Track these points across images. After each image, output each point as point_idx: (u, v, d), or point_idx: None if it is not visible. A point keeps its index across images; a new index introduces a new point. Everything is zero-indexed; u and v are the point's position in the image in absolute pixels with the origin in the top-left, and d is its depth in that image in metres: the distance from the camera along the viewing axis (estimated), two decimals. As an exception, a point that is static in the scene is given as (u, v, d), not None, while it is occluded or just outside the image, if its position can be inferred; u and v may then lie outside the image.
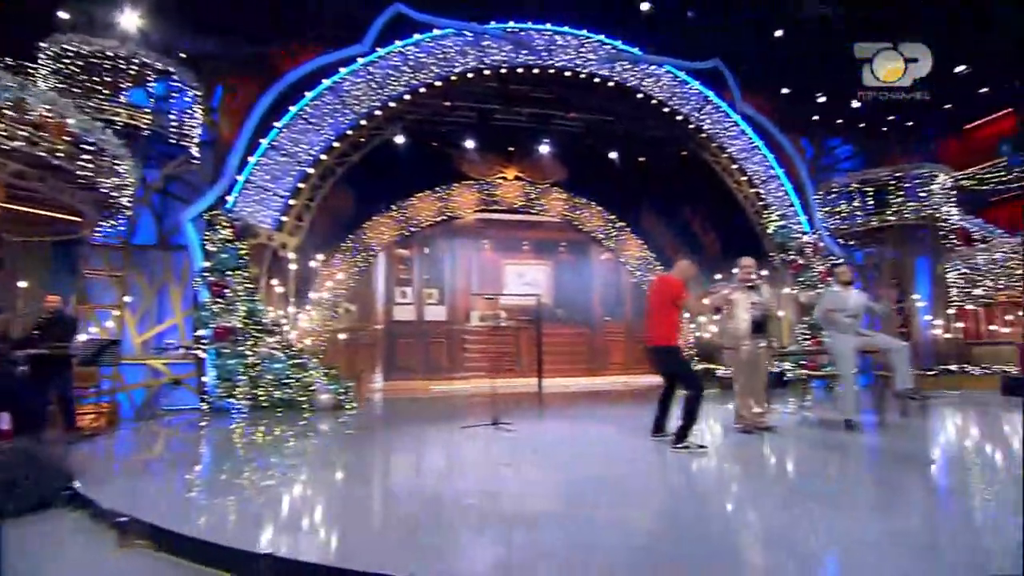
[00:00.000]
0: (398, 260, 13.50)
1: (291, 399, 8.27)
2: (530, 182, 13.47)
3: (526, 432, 5.94)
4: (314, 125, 9.01)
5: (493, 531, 2.77)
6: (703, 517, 3.03)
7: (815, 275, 10.37)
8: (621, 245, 14.00)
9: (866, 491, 3.56)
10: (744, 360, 5.59)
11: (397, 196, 12.63)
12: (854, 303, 5.75)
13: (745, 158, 11.08)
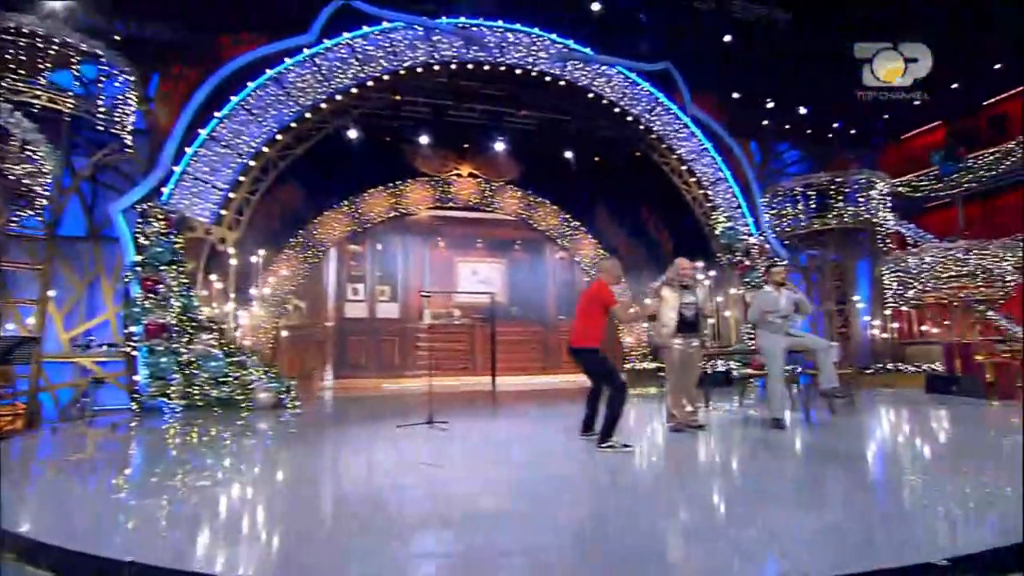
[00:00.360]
0: (350, 256, 13.27)
1: (229, 398, 8.01)
2: (485, 179, 13.39)
3: (459, 431, 5.88)
4: (256, 116, 8.73)
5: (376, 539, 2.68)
6: (614, 516, 3.02)
7: (760, 276, 10.56)
8: (575, 244, 14.04)
9: (779, 486, 3.61)
10: (676, 359, 5.62)
11: (349, 191, 12.39)
12: (786, 303, 5.86)
13: (694, 160, 11.24)
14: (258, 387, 8.19)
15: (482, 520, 2.97)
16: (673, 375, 5.68)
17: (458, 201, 13.28)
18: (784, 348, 5.74)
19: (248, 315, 9.58)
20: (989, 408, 7.30)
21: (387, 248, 13.49)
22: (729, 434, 5.55)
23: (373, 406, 8.93)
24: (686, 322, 5.63)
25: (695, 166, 11.23)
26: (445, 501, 3.35)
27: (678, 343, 5.61)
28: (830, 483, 3.78)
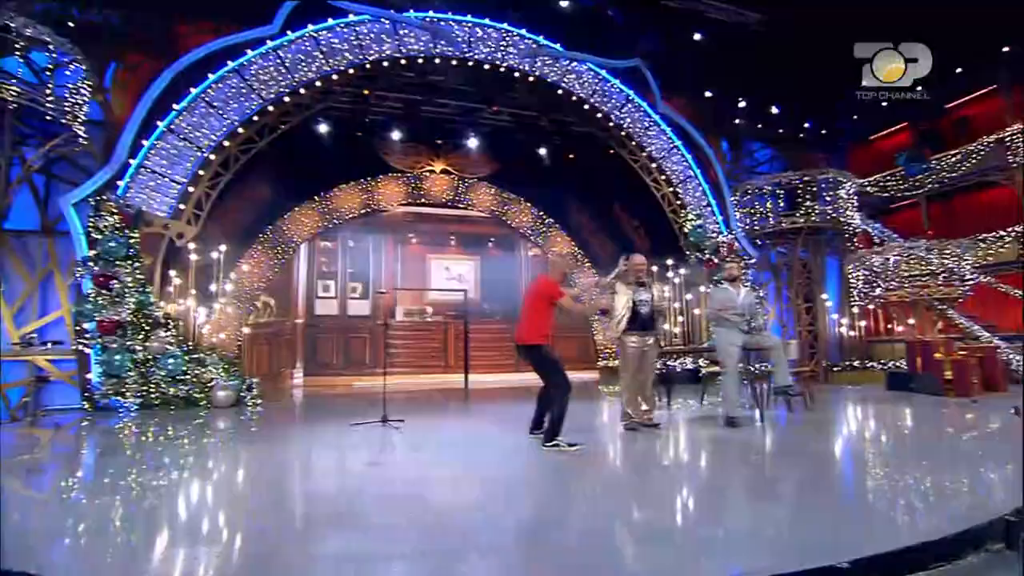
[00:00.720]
0: (321, 253, 13.11)
1: (187, 396, 7.84)
2: (458, 176, 13.19)
3: (413, 430, 5.83)
4: (217, 109, 8.52)
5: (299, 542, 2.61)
6: (555, 516, 2.97)
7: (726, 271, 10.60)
8: (549, 241, 13.87)
9: (719, 484, 3.60)
10: (630, 357, 5.59)
11: (320, 187, 12.15)
12: (743, 301, 5.87)
13: (664, 157, 11.22)
14: (217, 385, 8.03)
15: (392, 522, 2.90)
16: (628, 373, 5.65)
17: (431, 197, 13.08)
18: (740, 346, 5.75)
19: (212, 312, 9.35)
20: (943, 404, 7.42)
21: (359, 245, 13.36)
22: (682, 433, 5.55)
23: (337, 404, 8.83)
24: (640, 319, 5.60)
25: (664, 164, 11.21)
26: (363, 502, 3.28)
27: (632, 341, 5.57)
28: (771, 481, 3.78)
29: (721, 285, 6.14)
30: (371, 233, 13.41)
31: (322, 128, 11.23)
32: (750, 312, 5.85)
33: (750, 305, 5.86)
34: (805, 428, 5.73)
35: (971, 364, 9.27)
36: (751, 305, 5.86)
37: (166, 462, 4.53)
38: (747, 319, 5.83)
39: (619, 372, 5.76)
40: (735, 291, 5.90)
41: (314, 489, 3.69)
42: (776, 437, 5.22)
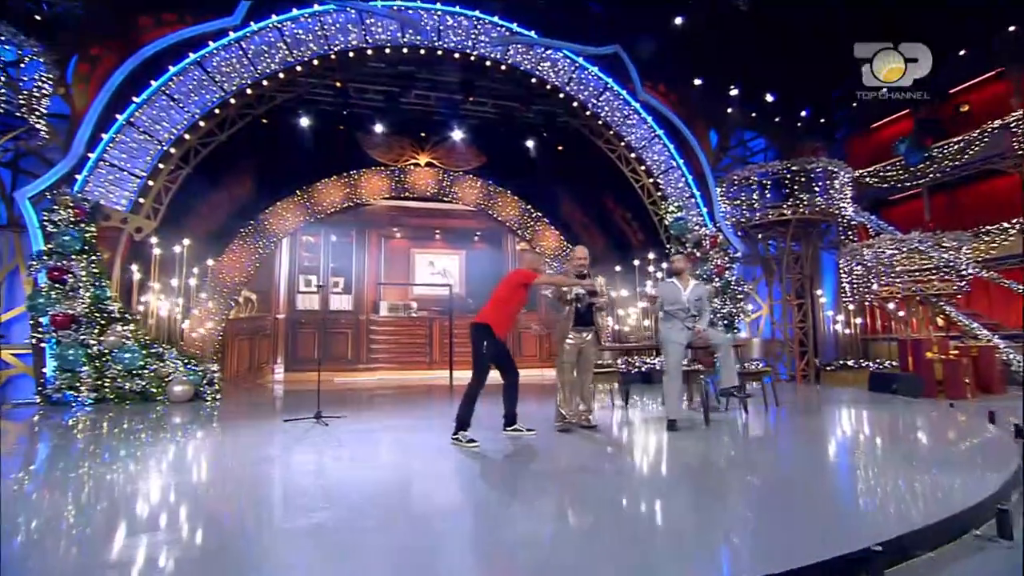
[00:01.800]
0: (303, 247, 13.05)
1: (143, 391, 7.81)
2: (443, 169, 13.03)
3: (347, 426, 5.68)
4: (177, 102, 8.45)
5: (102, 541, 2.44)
6: (441, 525, 2.76)
7: (711, 269, 10.25)
8: (537, 235, 13.61)
9: (623, 494, 3.33)
10: (567, 354, 5.40)
11: (302, 181, 12.08)
12: (689, 296, 5.57)
13: (644, 147, 10.86)
14: (175, 379, 7.98)
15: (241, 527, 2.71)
16: (564, 371, 5.44)
17: (415, 191, 12.90)
18: (684, 344, 5.46)
19: (180, 307, 9.31)
20: (915, 408, 6.97)
21: (341, 239, 13.26)
22: (615, 435, 5.28)
23: (304, 399, 8.71)
24: (579, 314, 5.40)
25: (645, 154, 10.85)
26: (229, 503, 3.12)
27: (569, 337, 5.38)
28: (683, 489, 3.49)
29: (667, 279, 5.83)
30: (354, 227, 13.33)
31: (303, 121, 11.17)
32: (696, 308, 5.55)
33: (697, 300, 5.55)
34: (748, 434, 5.39)
35: (963, 364, 8.77)
36: (698, 301, 5.56)
37: (111, 455, 4.43)
38: (693, 315, 5.54)
39: (556, 370, 5.53)
40: (681, 285, 5.59)
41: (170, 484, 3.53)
42: (709, 443, 4.92)
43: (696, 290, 5.60)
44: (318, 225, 12.76)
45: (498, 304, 4.96)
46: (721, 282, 10.10)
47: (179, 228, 9.62)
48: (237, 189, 11.39)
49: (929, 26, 9.90)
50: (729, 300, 10.12)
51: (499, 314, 4.91)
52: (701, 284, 5.70)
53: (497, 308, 4.94)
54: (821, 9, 10.16)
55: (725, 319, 9.96)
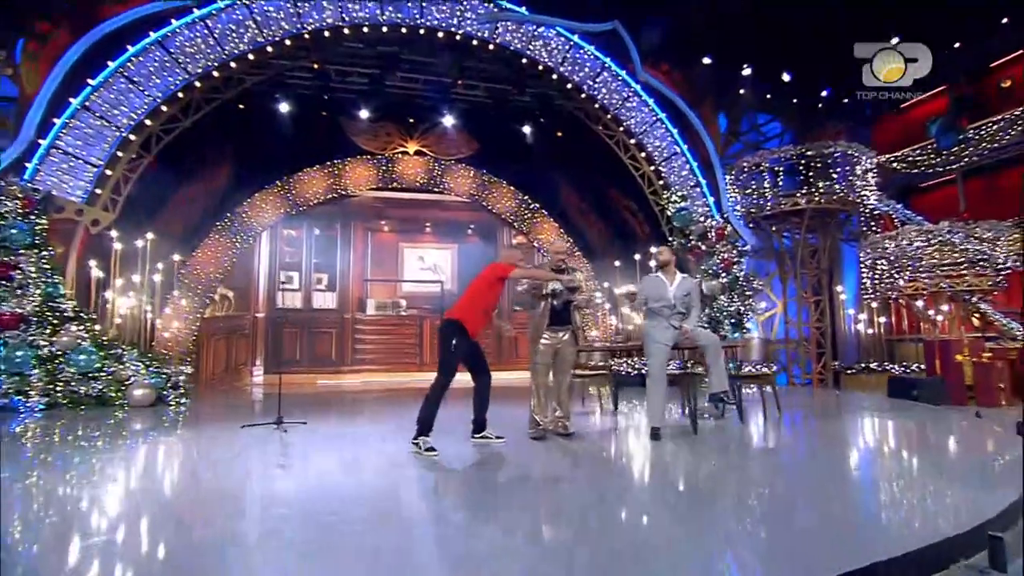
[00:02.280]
0: (284, 242, 12.95)
1: (100, 395, 7.73)
2: (433, 157, 12.92)
3: (308, 433, 5.59)
4: (137, 84, 8.36)
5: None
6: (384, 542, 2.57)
7: (718, 263, 9.96)
8: (535, 228, 13.47)
9: (574, 511, 3.10)
10: (541, 355, 5.24)
11: (282, 171, 12.02)
12: (676, 291, 5.32)
13: (644, 132, 10.63)
14: (135, 383, 7.89)
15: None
16: (538, 373, 5.27)
17: (404, 181, 12.83)
18: (668, 344, 5.22)
19: (137, 303, 9.24)
20: (935, 416, 6.63)
21: (325, 232, 13.16)
22: (593, 444, 5.06)
23: (276, 404, 8.63)
24: (555, 312, 5.24)
25: (645, 139, 10.61)
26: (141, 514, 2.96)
27: (544, 337, 5.24)
28: (654, 505, 3.25)
29: (652, 273, 5.59)
30: (339, 220, 13.20)
31: (282, 107, 11.10)
32: (684, 305, 5.31)
33: (684, 296, 5.31)
34: (737, 445, 5.12)
35: (997, 368, 8.39)
36: (686, 296, 5.31)
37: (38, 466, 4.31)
38: (680, 312, 5.29)
39: (530, 373, 5.36)
40: (667, 279, 5.35)
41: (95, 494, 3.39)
42: (694, 454, 4.67)
43: (683, 284, 5.36)
44: (300, 218, 12.70)
45: (472, 300, 4.88)
46: (728, 277, 9.82)
47: (148, 221, 9.56)
48: (213, 179, 11.32)
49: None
50: (737, 297, 9.80)
51: (472, 311, 4.84)
52: (689, 278, 5.46)
53: (470, 304, 4.87)
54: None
55: (732, 317, 9.66)
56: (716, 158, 10.78)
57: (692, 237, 10.13)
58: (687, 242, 10.18)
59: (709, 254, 10.05)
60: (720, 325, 9.53)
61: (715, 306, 9.77)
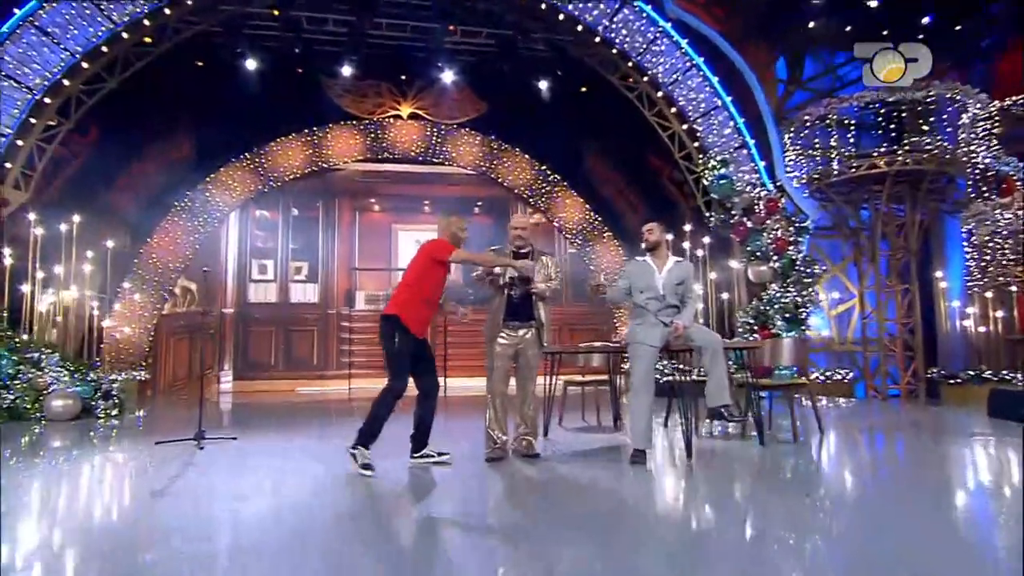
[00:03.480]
0: (256, 225, 12.97)
1: (11, 407, 7.75)
2: (432, 122, 12.68)
3: (230, 451, 5.49)
4: (52, 37, 8.33)
5: None
6: None
7: (768, 243, 9.39)
8: (555, 204, 13.19)
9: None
10: (498, 358, 4.97)
11: (252, 140, 11.98)
12: (666, 279, 4.87)
13: (675, 83, 10.07)
14: (56, 392, 7.90)
15: None
16: (494, 381, 5.03)
17: (397, 151, 12.65)
18: (657, 345, 4.77)
19: (70, 299, 9.30)
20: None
21: (305, 213, 13.12)
22: (562, 470, 4.68)
23: (238, 416, 8.88)
24: (512, 305, 4.97)
25: (676, 91, 10.06)
26: None
27: (502, 336, 4.97)
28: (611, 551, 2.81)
29: (637, 257, 5.18)
30: (320, 198, 13.20)
31: (249, 64, 11.00)
32: (676, 296, 4.86)
33: (678, 285, 4.87)
34: (743, 478, 4.57)
35: None
36: (679, 285, 4.87)
37: None
38: (672, 306, 4.85)
39: (486, 380, 5.10)
40: (655, 265, 4.92)
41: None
42: (680, 488, 4.18)
43: (676, 271, 4.93)
44: (274, 196, 12.72)
45: (408, 290, 4.63)
46: (782, 261, 9.27)
47: (90, 202, 9.63)
48: (168, 152, 11.37)
49: None
50: (793, 285, 9.23)
51: (411, 304, 4.58)
52: (684, 263, 5.07)
53: (407, 296, 4.61)
54: None
55: (786, 312, 9.04)
56: (769, 111, 10.11)
57: (735, 211, 9.69)
58: (729, 218, 9.76)
59: (757, 232, 9.57)
60: (769, 321, 8.94)
61: (764, 296, 9.28)
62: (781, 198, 9.76)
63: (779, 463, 4.90)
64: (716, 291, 10.22)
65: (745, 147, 10.15)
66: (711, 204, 10.16)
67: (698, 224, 10.47)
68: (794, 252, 9.48)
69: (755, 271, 9.39)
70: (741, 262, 9.90)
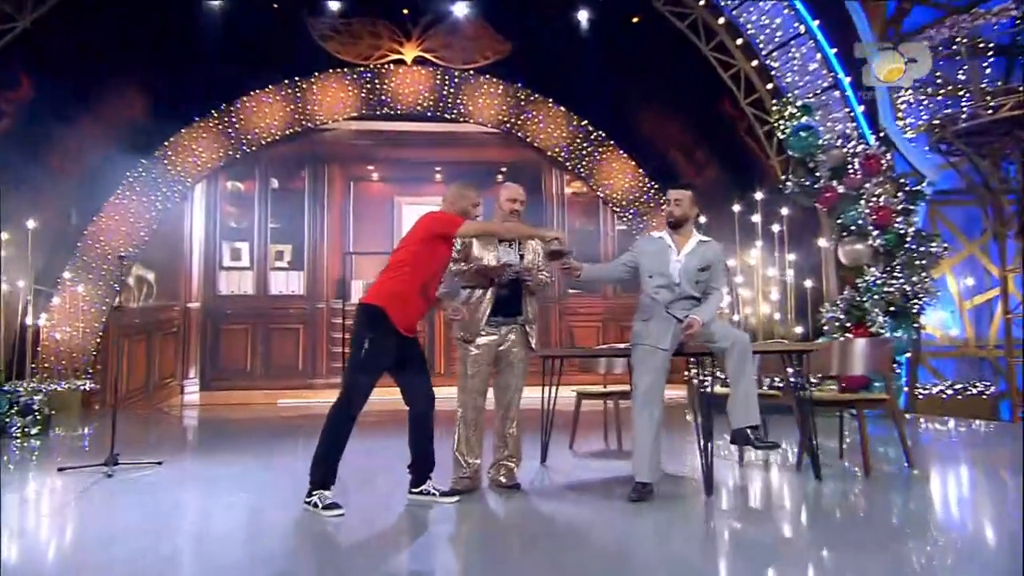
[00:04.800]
0: (226, 200, 13.14)
1: None
2: (443, 67, 12.84)
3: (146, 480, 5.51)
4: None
5: None
6: None
7: (867, 213, 9.15)
8: (599, 168, 13.32)
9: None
10: (471, 363, 4.87)
11: (221, 94, 12.24)
12: (684, 264, 4.63)
13: (740, 5, 10.02)
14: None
15: None
16: (468, 392, 4.94)
17: (400, 105, 12.87)
18: (667, 347, 4.54)
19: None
20: None
21: (287, 185, 13.24)
22: (545, 508, 4.59)
23: (176, 435, 8.96)
24: (499, 300, 4.90)
25: (742, 16, 10.09)
26: None
27: (483, 335, 4.90)
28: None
29: (652, 233, 4.99)
30: (306, 166, 13.24)
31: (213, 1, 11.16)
32: (695, 285, 4.64)
33: (700, 272, 4.64)
34: (766, 521, 4.28)
35: None
36: (701, 272, 4.64)
37: None
38: (691, 298, 4.63)
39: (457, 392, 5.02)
40: (673, 243, 4.71)
41: None
42: (692, 535, 3.95)
43: (701, 253, 4.67)
44: (249, 164, 12.88)
45: (399, 274, 4.46)
46: (885, 237, 8.97)
47: (14, 172, 9.83)
48: (119, 110, 11.52)
49: None
50: (901, 270, 9.01)
51: (399, 291, 4.43)
52: (713, 244, 4.80)
53: (397, 281, 4.45)
54: None
55: (892, 305, 8.86)
56: (870, 38, 9.82)
57: (820, 173, 9.42)
58: (812, 182, 9.49)
59: (851, 200, 9.31)
60: (867, 316, 8.70)
61: (861, 284, 9.05)
62: (887, 153, 9.57)
63: (829, 505, 4.65)
64: (797, 277, 10.05)
65: (837, 87, 10.05)
66: (788, 164, 9.97)
67: (771, 191, 10.32)
68: (903, 225, 9.19)
69: (848, 251, 9.21)
70: (830, 240, 9.69)
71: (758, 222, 9.95)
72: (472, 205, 4.73)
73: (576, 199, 13.94)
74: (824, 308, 9.53)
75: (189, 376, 12.68)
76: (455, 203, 4.72)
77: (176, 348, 12.63)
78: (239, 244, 13.05)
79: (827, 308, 9.45)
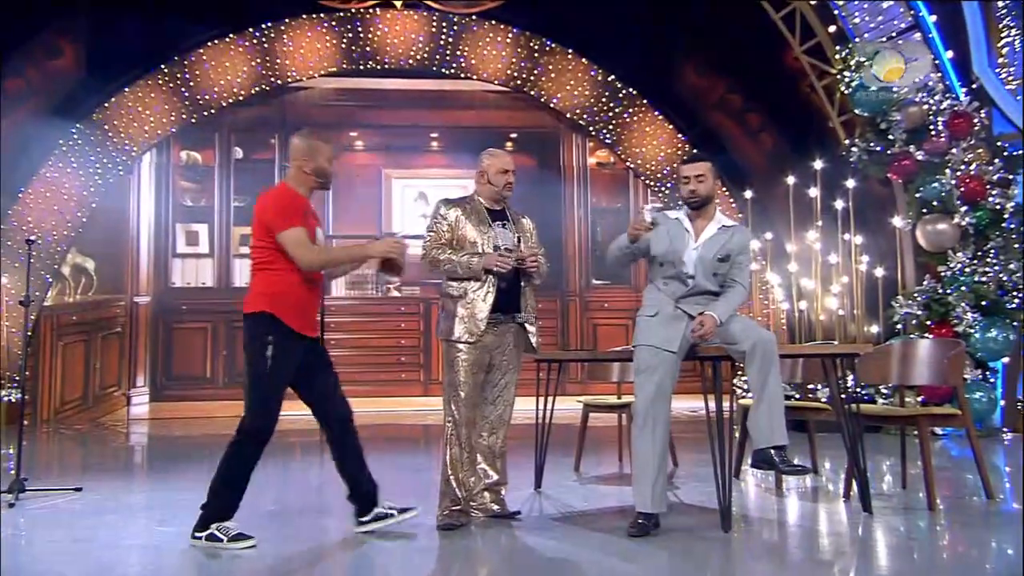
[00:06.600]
0: (180, 173, 13.21)
1: None
2: (440, 11, 12.84)
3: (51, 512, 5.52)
4: None
5: None
6: None
7: (953, 184, 9.19)
8: (628, 132, 13.32)
9: None
10: (462, 368, 4.97)
11: (171, 45, 12.31)
12: (707, 248, 4.73)
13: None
14: None
15: None
16: (462, 402, 5.02)
17: (387, 57, 12.87)
18: (674, 349, 4.60)
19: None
20: None
21: (253, 155, 13.36)
22: (526, 541, 4.72)
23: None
24: (499, 292, 4.98)
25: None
26: None
27: (476, 336, 4.98)
28: None
29: (670, 212, 5.07)
30: (276, 132, 13.29)
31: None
32: (713, 277, 4.75)
33: (718, 263, 4.73)
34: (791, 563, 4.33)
35: None
36: (721, 263, 4.75)
37: None
38: (702, 292, 4.73)
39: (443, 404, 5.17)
40: (690, 226, 4.79)
41: None
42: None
43: (722, 239, 4.77)
44: (207, 130, 12.96)
45: (269, 270, 4.48)
46: (976, 215, 8.90)
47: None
48: (45, 64, 11.57)
49: None
50: (998, 254, 9.07)
51: (280, 289, 4.44)
52: (740, 229, 5.01)
53: (271, 279, 4.47)
54: None
55: (984, 298, 8.89)
56: None
57: (895, 136, 9.46)
58: (884, 147, 9.51)
59: (935, 169, 9.30)
60: (951, 311, 8.71)
61: (945, 273, 9.13)
62: (980, 109, 9.60)
63: (868, 545, 4.69)
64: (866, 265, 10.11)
65: (918, 27, 10.00)
66: (852, 125, 10.02)
67: (832, 160, 10.41)
68: (999, 199, 9.17)
69: (929, 232, 9.18)
70: (906, 219, 9.63)
71: (816, 196, 10.02)
72: (327, 160, 4.65)
73: (601, 171, 14.02)
74: (897, 302, 9.52)
75: (137, 384, 12.74)
76: (308, 160, 4.59)
77: (121, 351, 12.64)
78: (196, 226, 13.13)
79: (901, 302, 9.45)
